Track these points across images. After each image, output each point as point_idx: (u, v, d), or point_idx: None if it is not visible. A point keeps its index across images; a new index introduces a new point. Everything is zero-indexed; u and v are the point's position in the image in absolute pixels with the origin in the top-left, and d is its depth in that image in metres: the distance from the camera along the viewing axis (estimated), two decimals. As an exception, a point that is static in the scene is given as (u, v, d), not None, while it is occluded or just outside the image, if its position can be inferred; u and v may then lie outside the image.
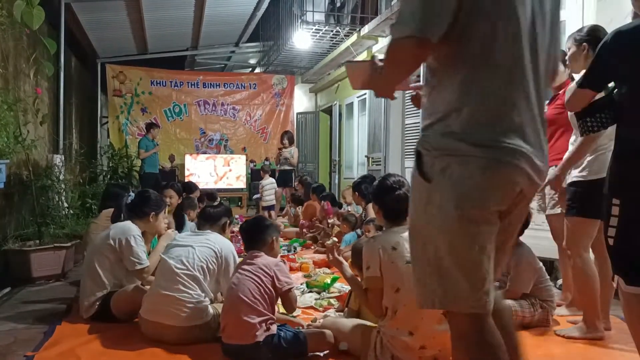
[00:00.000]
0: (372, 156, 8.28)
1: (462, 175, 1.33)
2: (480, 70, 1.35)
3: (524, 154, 1.35)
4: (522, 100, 1.37)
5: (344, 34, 8.45)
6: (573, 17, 4.12)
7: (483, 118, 1.34)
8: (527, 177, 1.39)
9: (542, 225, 3.74)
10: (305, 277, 4.23)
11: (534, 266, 3.03)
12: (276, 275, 2.53)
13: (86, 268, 3.16)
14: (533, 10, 1.38)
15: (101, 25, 8.51)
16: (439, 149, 1.37)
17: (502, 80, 1.35)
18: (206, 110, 10.89)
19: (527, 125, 1.38)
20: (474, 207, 1.34)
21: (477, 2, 1.31)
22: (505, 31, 1.33)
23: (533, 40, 1.39)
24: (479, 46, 1.33)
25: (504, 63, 1.34)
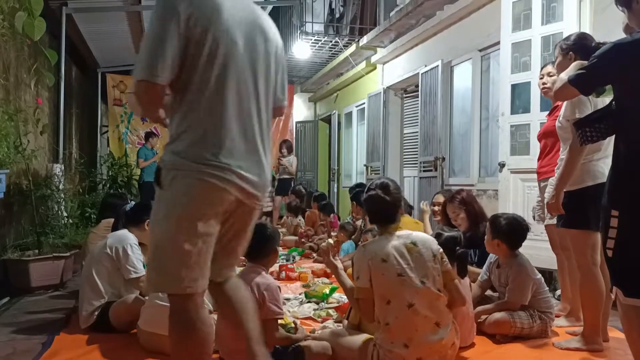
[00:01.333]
0: (370, 165, 8.29)
1: (183, 185, 1.70)
2: (199, 107, 1.72)
3: (234, 171, 1.73)
4: (236, 130, 1.76)
5: (342, 45, 8.49)
6: (569, 30, 4.14)
7: (199, 142, 1.71)
8: (238, 189, 1.76)
9: (540, 236, 3.74)
10: (303, 287, 4.21)
11: (532, 277, 3.02)
12: (263, 300, 2.46)
13: (84, 278, 3.15)
14: (252, 63, 1.81)
15: (102, 36, 8.53)
16: (170, 164, 1.72)
17: (215, 115, 1.73)
18: (206, 120, 10.90)
19: (238, 148, 1.76)
20: (190, 210, 1.70)
21: (194, 63, 1.69)
22: (217, 81, 1.72)
23: (251, 85, 1.81)
24: (197, 91, 1.71)
25: (215, 104, 1.73)
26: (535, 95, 4.30)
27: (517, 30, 4.54)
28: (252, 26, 1.84)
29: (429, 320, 2.24)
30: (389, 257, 2.28)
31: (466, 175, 5.86)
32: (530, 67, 4.40)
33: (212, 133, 1.72)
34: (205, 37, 1.69)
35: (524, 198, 4.37)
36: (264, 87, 1.88)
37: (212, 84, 1.73)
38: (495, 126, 5.20)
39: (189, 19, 1.65)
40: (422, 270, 2.27)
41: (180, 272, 1.70)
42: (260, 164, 1.83)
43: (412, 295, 2.24)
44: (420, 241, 2.35)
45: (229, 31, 1.74)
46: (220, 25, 1.72)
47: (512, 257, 3.09)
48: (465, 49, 5.80)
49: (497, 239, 3.08)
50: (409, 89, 7.65)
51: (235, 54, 1.76)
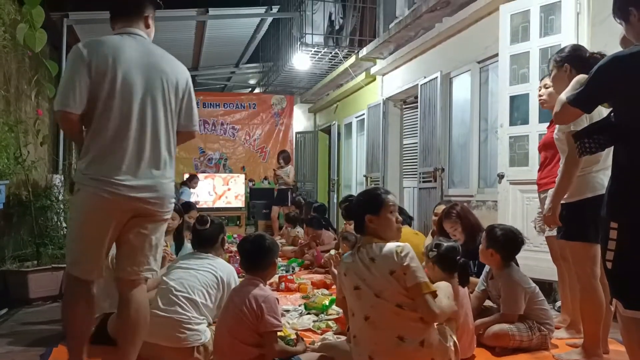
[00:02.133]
0: (370, 176, 8.29)
1: (82, 196, 2.20)
2: (100, 133, 2.18)
3: (125, 185, 2.16)
4: (130, 152, 2.19)
5: (342, 56, 8.53)
6: (567, 42, 4.17)
7: (97, 161, 2.17)
8: (129, 199, 2.19)
9: (540, 247, 3.74)
10: (303, 298, 4.20)
11: (522, 286, 3.00)
12: (261, 313, 2.45)
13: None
14: (151, 97, 2.26)
15: (103, 47, 8.58)
16: (77, 178, 2.22)
17: (113, 140, 2.17)
18: (206, 130, 10.95)
19: (132, 167, 2.19)
20: (86, 216, 2.20)
21: (97, 97, 2.15)
22: (115, 111, 2.18)
23: (148, 116, 2.25)
24: (99, 120, 2.17)
25: (113, 131, 2.17)
26: (533, 107, 4.31)
27: (515, 43, 4.57)
28: (151, 67, 2.29)
29: (388, 334, 2.20)
30: (349, 271, 2.33)
31: (465, 186, 5.87)
32: (529, 79, 4.43)
33: (109, 154, 2.18)
34: (104, 78, 2.16)
35: (523, 209, 4.37)
36: (162, 117, 2.31)
37: (112, 114, 2.18)
38: (494, 137, 5.22)
39: (91, 63, 2.15)
40: (377, 285, 2.23)
41: (78, 261, 2.26)
42: (154, 179, 2.26)
43: (367, 308, 2.24)
44: (379, 257, 2.26)
45: (127, 72, 2.21)
46: (118, 68, 2.19)
47: (503, 268, 3.08)
48: (464, 61, 5.83)
49: (492, 248, 3.07)
50: (408, 100, 7.67)
51: (132, 90, 2.22)
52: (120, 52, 2.22)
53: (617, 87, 1.91)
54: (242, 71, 11.71)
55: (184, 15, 7.95)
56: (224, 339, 2.47)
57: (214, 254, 3.06)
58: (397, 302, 2.21)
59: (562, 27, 4.21)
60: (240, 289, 2.60)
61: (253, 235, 2.89)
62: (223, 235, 3.17)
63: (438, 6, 5.76)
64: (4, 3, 4.74)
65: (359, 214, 2.37)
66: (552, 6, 4.30)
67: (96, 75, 2.15)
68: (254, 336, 2.46)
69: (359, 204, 2.43)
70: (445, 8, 5.80)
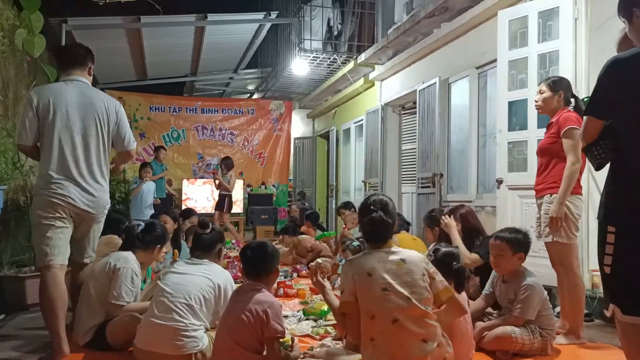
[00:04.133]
0: (369, 181, 8.30)
1: (37, 200, 2.96)
2: (45, 155, 2.95)
3: (62, 193, 2.91)
4: (68, 168, 2.95)
5: (341, 62, 8.55)
6: (565, 48, 4.19)
7: (45, 176, 2.93)
8: (66, 203, 2.93)
9: (539, 252, 3.73)
10: (301, 304, 4.19)
11: (540, 296, 3.02)
12: (267, 318, 2.44)
13: (82, 295, 3.12)
14: (84, 129, 3.02)
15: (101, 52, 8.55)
16: (36, 188, 3.02)
17: (55, 161, 2.93)
18: (204, 136, 10.94)
19: (71, 177, 2.95)
20: (40, 214, 2.90)
21: (43, 131, 2.95)
22: (55, 140, 2.93)
23: (81, 142, 3.00)
24: (45, 147, 2.95)
25: (55, 153, 2.93)
26: (532, 112, 4.32)
27: (513, 48, 4.58)
28: (87, 107, 3.04)
29: (415, 336, 2.21)
30: (375, 271, 2.26)
31: (464, 192, 5.87)
32: (527, 84, 4.44)
33: (53, 170, 2.93)
34: (48, 116, 2.93)
35: (522, 214, 4.37)
36: (94, 143, 3.05)
37: (53, 142, 2.94)
38: (493, 143, 5.23)
39: (38, 105, 2.94)
40: (409, 286, 2.24)
41: (43, 252, 2.89)
42: (85, 190, 3.00)
43: (397, 310, 2.22)
44: (408, 259, 2.31)
45: (67, 112, 2.97)
46: (58, 109, 2.95)
47: (521, 272, 3.09)
48: (463, 67, 5.85)
49: (522, 251, 3.12)
50: (407, 105, 7.69)
51: (70, 125, 2.98)
52: (60, 96, 2.99)
53: (618, 89, 1.88)
54: (240, 77, 11.72)
55: (183, 21, 7.97)
56: (225, 344, 2.46)
57: (210, 260, 3.04)
58: (425, 305, 2.25)
59: (560, 32, 4.23)
60: (242, 294, 2.58)
61: (255, 242, 2.89)
62: (221, 246, 3.13)
63: (436, 12, 5.79)
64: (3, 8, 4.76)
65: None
66: (550, 12, 4.32)
67: (41, 113, 2.95)
68: (255, 342, 2.44)
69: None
70: (443, 14, 5.82)
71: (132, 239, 3.27)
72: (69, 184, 2.94)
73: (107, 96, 3.21)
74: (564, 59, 4.20)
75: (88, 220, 3.07)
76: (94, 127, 3.04)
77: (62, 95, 2.98)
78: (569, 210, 3.24)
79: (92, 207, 3.03)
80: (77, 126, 2.99)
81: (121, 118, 3.18)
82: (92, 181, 3.03)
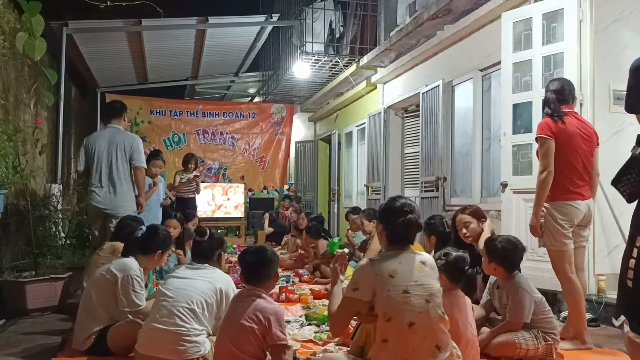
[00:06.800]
0: (371, 185, 8.30)
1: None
2: (90, 173, 4.67)
3: (95, 198, 4.58)
4: (101, 180, 4.59)
5: (343, 64, 8.57)
6: (570, 50, 4.20)
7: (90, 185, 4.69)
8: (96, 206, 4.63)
9: (544, 257, 3.73)
10: (304, 308, 4.19)
11: (530, 294, 3.02)
12: (269, 325, 2.44)
13: (84, 300, 3.13)
14: (109, 152, 4.64)
15: (102, 56, 8.63)
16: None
17: (93, 176, 4.63)
18: (205, 139, 10.97)
19: (101, 187, 4.59)
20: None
21: (89, 159, 4.70)
22: (93, 162, 4.66)
23: (108, 162, 4.64)
24: (88, 167, 4.71)
25: (93, 171, 4.65)
26: (537, 115, 4.33)
27: (517, 50, 4.59)
28: (110, 140, 4.65)
29: (428, 342, 2.21)
30: (397, 273, 2.25)
31: (468, 196, 5.87)
32: (532, 86, 4.45)
33: (91, 181, 4.58)
34: (90, 150, 4.62)
35: (527, 218, 4.34)
36: (116, 161, 4.62)
37: (92, 163, 4.60)
38: (497, 146, 5.23)
39: (86, 147, 4.65)
40: (428, 290, 2.26)
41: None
42: (110, 194, 4.57)
43: (414, 314, 2.21)
44: (428, 261, 2.34)
45: (99, 145, 4.63)
46: (96, 145, 4.63)
47: (509, 278, 3.10)
48: (466, 69, 5.86)
49: (494, 262, 3.12)
50: (410, 108, 7.70)
51: (102, 152, 4.61)
52: (96, 138, 4.72)
53: None
54: (241, 80, 11.75)
55: (184, 24, 8.00)
56: (225, 350, 2.46)
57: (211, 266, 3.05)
58: (441, 310, 2.27)
59: (565, 34, 4.24)
60: (242, 300, 2.58)
61: (254, 246, 2.89)
62: (221, 251, 3.10)
63: (439, 14, 5.80)
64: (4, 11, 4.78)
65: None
66: (554, 14, 4.33)
67: (87, 151, 4.66)
68: (256, 348, 2.44)
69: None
70: (446, 16, 5.84)
71: (132, 244, 3.28)
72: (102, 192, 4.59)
73: (126, 133, 4.80)
74: (568, 61, 4.21)
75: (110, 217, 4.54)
76: (115, 152, 4.65)
77: (98, 136, 4.78)
78: (552, 217, 3.27)
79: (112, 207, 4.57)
80: (107, 152, 4.63)
81: (136, 144, 4.72)
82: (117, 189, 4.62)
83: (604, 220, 4.21)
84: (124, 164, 4.63)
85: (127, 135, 4.77)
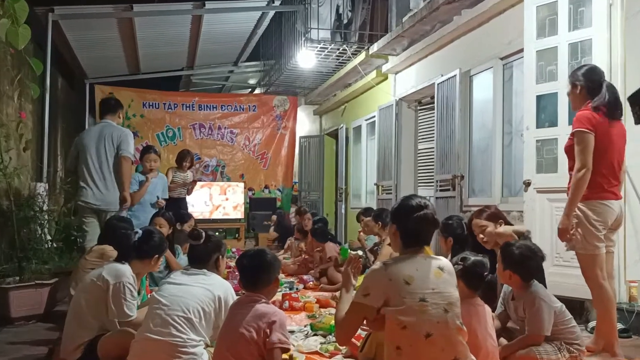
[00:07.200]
0: (382, 184, 8.30)
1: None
2: (78, 171, 4.99)
3: (85, 194, 4.84)
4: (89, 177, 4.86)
5: (351, 53, 8.57)
6: (599, 36, 4.18)
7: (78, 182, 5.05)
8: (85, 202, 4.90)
9: (570, 262, 3.72)
10: (309, 317, 4.20)
11: (549, 304, 3.01)
12: (270, 329, 2.45)
13: (72, 308, 3.15)
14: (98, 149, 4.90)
15: (91, 44, 8.66)
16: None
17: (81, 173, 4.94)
18: (202, 134, 11.00)
19: (89, 184, 4.85)
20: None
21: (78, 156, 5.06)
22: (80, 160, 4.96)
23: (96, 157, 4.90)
24: (77, 165, 5.02)
25: (80, 168, 4.96)
26: (562, 107, 4.31)
27: (541, 37, 4.57)
28: (100, 134, 4.92)
29: (446, 355, 2.21)
30: (413, 279, 2.24)
31: (487, 195, 5.86)
32: (557, 76, 4.43)
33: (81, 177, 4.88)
34: (79, 147, 4.95)
35: (552, 220, 4.35)
36: (106, 155, 4.87)
37: (82, 159, 4.88)
38: (519, 141, 5.21)
39: (76, 144, 5.03)
40: (446, 298, 2.25)
41: None
42: (101, 190, 4.82)
43: (432, 324, 2.21)
44: (446, 267, 2.34)
45: (89, 140, 4.92)
46: (86, 140, 4.93)
47: (525, 288, 3.08)
48: (486, 57, 5.85)
49: (509, 269, 3.08)
50: (424, 100, 7.69)
51: (92, 146, 4.88)
52: (83, 136, 5.05)
53: None
54: (241, 70, 11.77)
55: (179, 9, 8.02)
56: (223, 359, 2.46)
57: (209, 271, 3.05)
58: (460, 320, 2.27)
59: (593, 19, 4.22)
60: (240, 307, 2.58)
61: (253, 250, 2.90)
62: (219, 255, 3.11)
63: (456, -3, 5.79)
64: (-15, -3, 4.80)
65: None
66: (582, -3, 4.31)
67: (76, 147, 5.01)
68: (256, 358, 2.45)
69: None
70: None
71: (128, 248, 3.29)
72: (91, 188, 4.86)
73: (118, 128, 5.07)
74: (597, 48, 4.18)
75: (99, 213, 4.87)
76: (103, 146, 4.89)
77: (87, 131, 5.17)
78: (585, 218, 3.25)
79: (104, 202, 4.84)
80: (95, 148, 4.88)
81: (124, 136, 4.94)
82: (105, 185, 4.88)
83: (635, 222, 4.19)
84: (113, 158, 4.87)
85: (117, 128, 5.02)
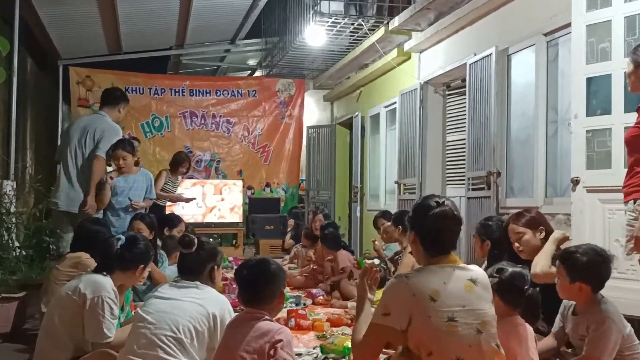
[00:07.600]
0: (404, 182, 8.28)
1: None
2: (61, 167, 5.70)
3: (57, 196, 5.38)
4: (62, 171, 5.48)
5: (368, 28, 8.54)
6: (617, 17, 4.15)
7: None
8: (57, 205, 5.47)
9: (628, 274, 3.70)
10: (318, 338, 4.21)
11: (619, 327, 2.98)
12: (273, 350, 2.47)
13: (44, 326, 3.17)
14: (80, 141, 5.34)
15: (65, 21, 8.70)
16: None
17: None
18: (193, 124, 11.03)
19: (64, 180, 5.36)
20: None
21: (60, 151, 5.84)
22: (62, 156, 5.55)
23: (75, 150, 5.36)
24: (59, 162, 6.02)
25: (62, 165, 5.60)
26: (617, 92, 4.27)
27: (593, 9, 4.54)
28: (85, 126, 5.40)
29: None
30: (439, 295, 2.23)
31: (528, 195, 5.83)
32: (611, 55, 4.39)
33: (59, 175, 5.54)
34: (62, 139, 6.04)
35: (605, 224, 4.32)
36: (82, 151, 5.24)
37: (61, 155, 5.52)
38: (566, 132, 5.19)
39: (62, 136, 6.61)
40: (480, 317, 2.24)
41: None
42: (72, 190, 5.23)
43: (462, 348, 2.20)
44: (480, 278, 2.33)
45: (73, 132, 5.43)
46: (70, 132, 5.50)
47: (595, 302, 3.05)
48: (526, 34, 5.81)
49: (579, 281, 3.02)
50: (454, 84, 7.67)
51: (73, 140, 5.32)
52: (75, 123, 5.59)
53: None
54: (239, 49, 11.78)
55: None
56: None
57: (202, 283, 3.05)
58: (496, 342, 2.26)
59: None
60: (239, 326, 2.59)
61: (254, 259, 2.90)
62: (214, 265, 3.13)
63: (492, -37, 5.77)
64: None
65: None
66: (640, -39, 4.28)
67: (61, 137, 6.24)
68: None
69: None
70: (501, -35, 5.81)
71: (109, 257, 3.30)
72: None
73: (108, 122, 5.38)
74: (615, 28, 4.16)
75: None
76: (84, 138, 5.23)
77: (76, 121, 5.82)
78: None
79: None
80: (75, 151, 5.26)
81: (106, 135, 5.21)
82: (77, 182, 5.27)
83: None
84: (88, 155, 5.23)
85: (106, 123, 5.31)
